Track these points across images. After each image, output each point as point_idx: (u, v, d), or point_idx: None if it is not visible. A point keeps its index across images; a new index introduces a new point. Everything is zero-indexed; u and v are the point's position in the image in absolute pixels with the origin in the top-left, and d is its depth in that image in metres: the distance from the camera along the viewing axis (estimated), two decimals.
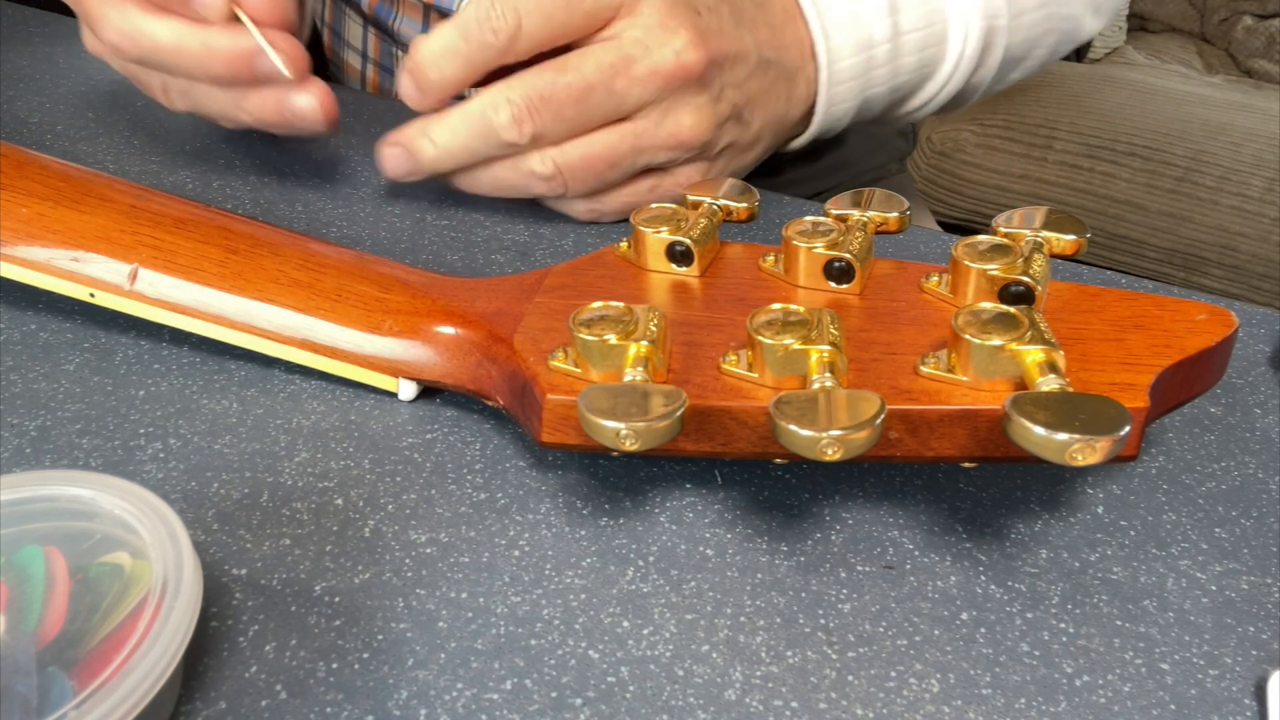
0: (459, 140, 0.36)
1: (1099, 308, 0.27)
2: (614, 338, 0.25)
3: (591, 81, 0.34)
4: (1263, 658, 0.24)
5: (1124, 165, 1.52)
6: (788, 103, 0.40)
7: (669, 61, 0.35)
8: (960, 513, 0.27)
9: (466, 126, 0.36)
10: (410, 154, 0.37)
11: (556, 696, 0.22)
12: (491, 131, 0.35)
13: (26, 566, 0.21)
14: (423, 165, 0.37)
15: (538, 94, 0.35)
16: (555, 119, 0.35)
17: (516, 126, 0.35)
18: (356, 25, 0.60)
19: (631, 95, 0.35)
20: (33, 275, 0.30)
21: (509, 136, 0.35)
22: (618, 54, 0.34)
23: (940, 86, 0.45)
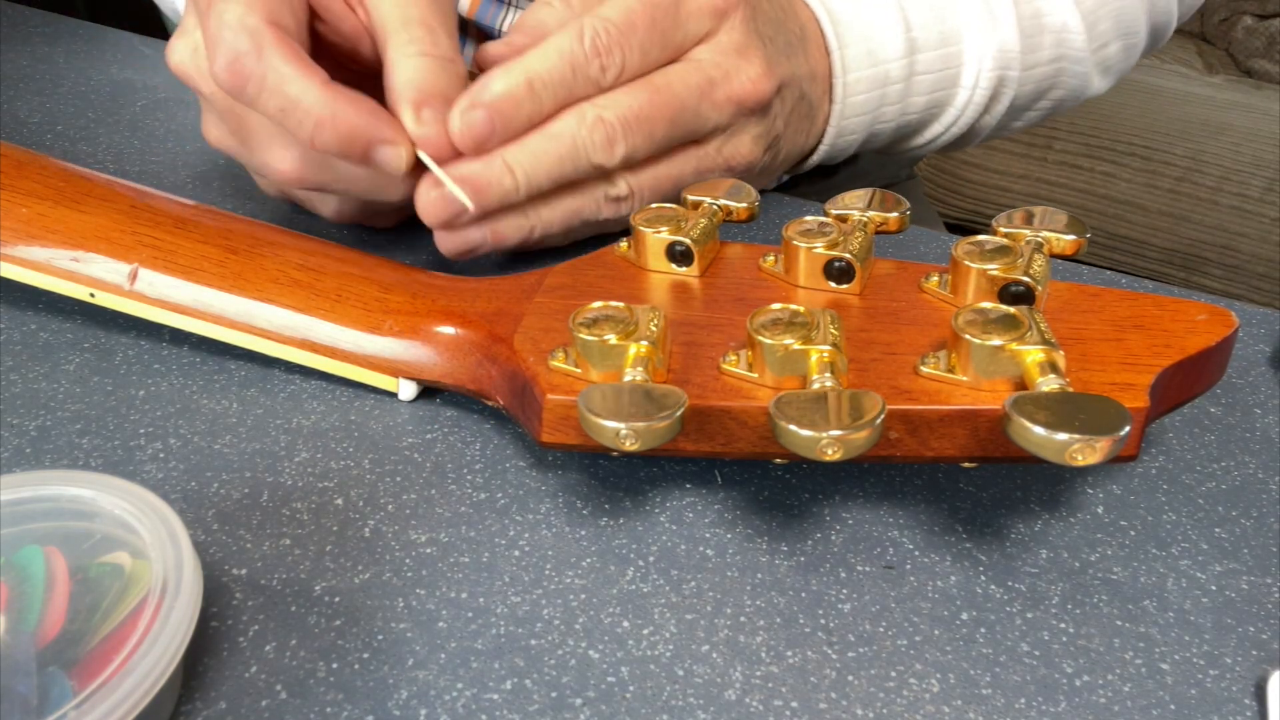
0: (544, 165, 0.32)
1: (1099, 308, 0.27)
2: (614, 338, 0.25)
3: (684, 103, 0.34)
4: (1263, 658, 0.24)
5: (1124, 165, 1.52)
6: (807, 136, 0.41)
7: (745, 88, 0.35)
8: (960, 513, 0.27)
9: (554, 149, 0.32)
10: (479, 189, 0.32)
11: (556, 696, 0.22)
12: (582, 154, 0.32)
13: (26, 566, 0.21)
14: (494, 199, 0.32)
15: (633, 114, 0.33)
16: (647, 140, 0.33)
17: (609, 148, 0.33)
18: None
19: (710, 119, 0.35)
20: (33, 275, 0.30)
21: (600, 158, 0.33)
22: (702, 76, 0.34)
23: (945, 128, 0.46)
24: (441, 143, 0.31)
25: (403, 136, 0.31)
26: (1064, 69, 0.47)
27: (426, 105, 0.31)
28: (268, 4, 0.30)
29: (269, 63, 0.29)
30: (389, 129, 0.31)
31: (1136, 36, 0.49)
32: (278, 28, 0.30)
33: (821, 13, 0.40)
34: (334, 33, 0.33)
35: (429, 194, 0.32)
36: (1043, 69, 0.46)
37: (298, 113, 0.30)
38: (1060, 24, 0.45)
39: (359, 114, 0.30)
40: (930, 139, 0.46)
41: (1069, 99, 0.49)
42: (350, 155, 0.31)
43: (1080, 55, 0.47)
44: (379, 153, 0.31)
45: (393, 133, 0.31)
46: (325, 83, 0.30)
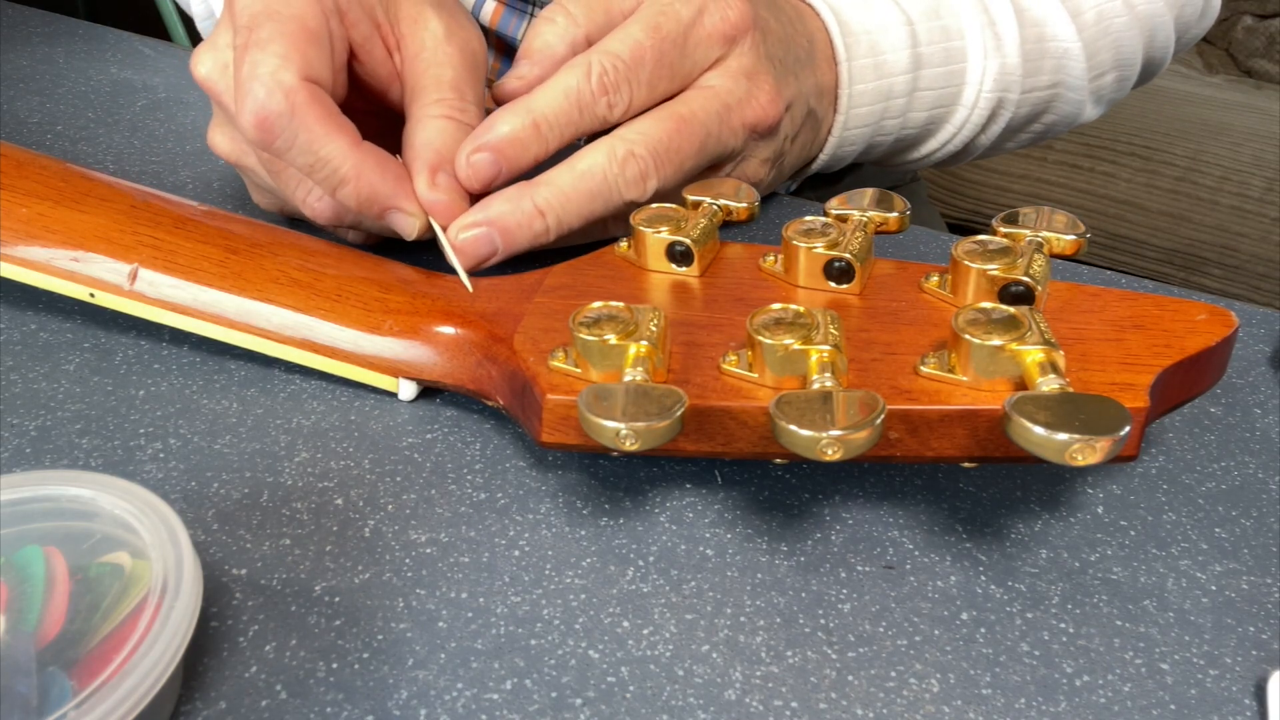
0: (574, 205, 0.32)
1: (1099, 308, 0.27)
2: (614, 338, 0.25)
3: (708, 131, 0.33)
4: (1263, 658, 0.24)
5: (1124, 165, 1.52)
6: (810, 148, 0.41)
7: (757, 113, 0.35)
8: (960, 513, 0.27)
9: (585, 187, 0.32)
10: (508, 231, 0.31)
11: (556, 696, 0.22)
12: (614, 191, 0.32)
13: (26, 566, 0.21)
14: (523, 243, 0.32)
15: (663, 146, 0.32)
16: (677, 172, 0.33)
17: (642, 183, 0.32)
18: None
19: (728, 145, 0.35)
20: (33, 275, 0.30)
21: (632, 194, 0.32)
22: (720, 103, 0.34)
23: (941, 144, 0.46)
24: (453, 210, 0.32)
25: (418, 206, 0.32)
26: (1060, 95, 0.47)
27: (442, 170, 0.32)
28: (305, 57, 0.30)
29: (300, 122, 0.29)
30: (406, 199, 0.32)
31: (1132, 69, 0.50)
32: (312, 86, 0.30)
33: (832, 23, 0.40)
34: (369, 74, 0.34)
35: (459, 237, 0.31)
36: (1040, 93, 0.46)
37: (325, 169, 0.30)
38: (1062, 50, 0.46)
39: (383, 179, 0.31)
40: (926, 154, 0.47)
41: (1060, 124, 0.50)
42: (367, 214, 0.32)
43: (1078, 83, 0.47)
44: (393, 217, 0.32)
45: (409, 203, 0.32)
46: (355, 143, 0.30)
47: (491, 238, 0.31)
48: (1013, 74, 0.44)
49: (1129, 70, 0.49)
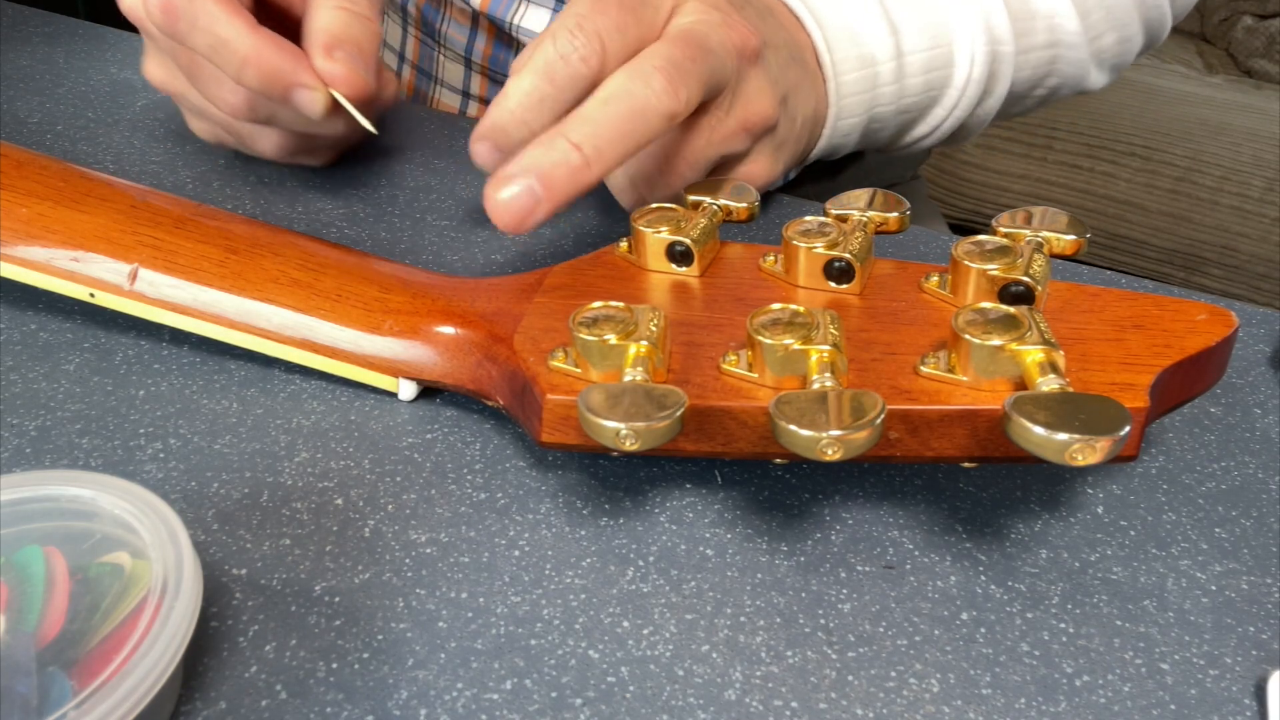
0: (610, 132, 0.30)
1: (1099, 308, 0.27)
2: (614, 338, 0.25)
3: (711, 48, 0.33)
4: (1263, 658, 0.24)
5: (1124, 165, 1.52)
6: (816, 101, 0.40)
7: (741, 36, 0.34)
8: (960, 513, 0.27)
9: (616, 110, 0.30)
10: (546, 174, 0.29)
11: (556, 696, 0.22)
12: (649, 106, 0.30)
13: (26, 566, 0.21)
14: (563, 183, 0.30)
15: (678, 59, 0.31)
16: (699, 84, 0.32)
17: (674, 92, 0.31)
18: (395, 25, 0.60)
19: (728, 67, 0.34)
20: (33, 275, 0.30)
21: (667, 104, 0.31)
22: (706, 24, 0.33)
23: (948, 111, 0.46)
24: (351, 80, 0.35)
25: (318, 80, 0.34)
26: (1060, 55, 0.47)
27: (338, 48, 0.34)
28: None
29: (200, 6, 0.33)
30: (307, 74, 0.34)
31: (1130, 29, 0.50)
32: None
33: (807, 17, 0.40)
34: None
35: (496, 197, 0.29)
36: (1039, 53, 0.47)
37: (226, 51, 0.33)
38: (1050, 10, 0.46)
39: (281, 57, 0.34)
40: (935, 124, 0.46)
41: (1065, 87, 0.50)
42: (273, 94, 0.34)
43: (1075, 42, 0.47)
44: (297, 95, 0.34)
45: (310, 78, 0.34)
46: (253, 26, 0.33)
47: (531, 188, 0.29)
48: (1001, 29, 0.44)
49: (1128, 31, 0.50)
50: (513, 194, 0.29)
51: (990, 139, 1.59)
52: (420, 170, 0.43)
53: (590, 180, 0.30)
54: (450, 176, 0.43)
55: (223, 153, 0.43)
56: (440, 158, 0.44)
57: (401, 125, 0.46)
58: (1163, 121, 1.54)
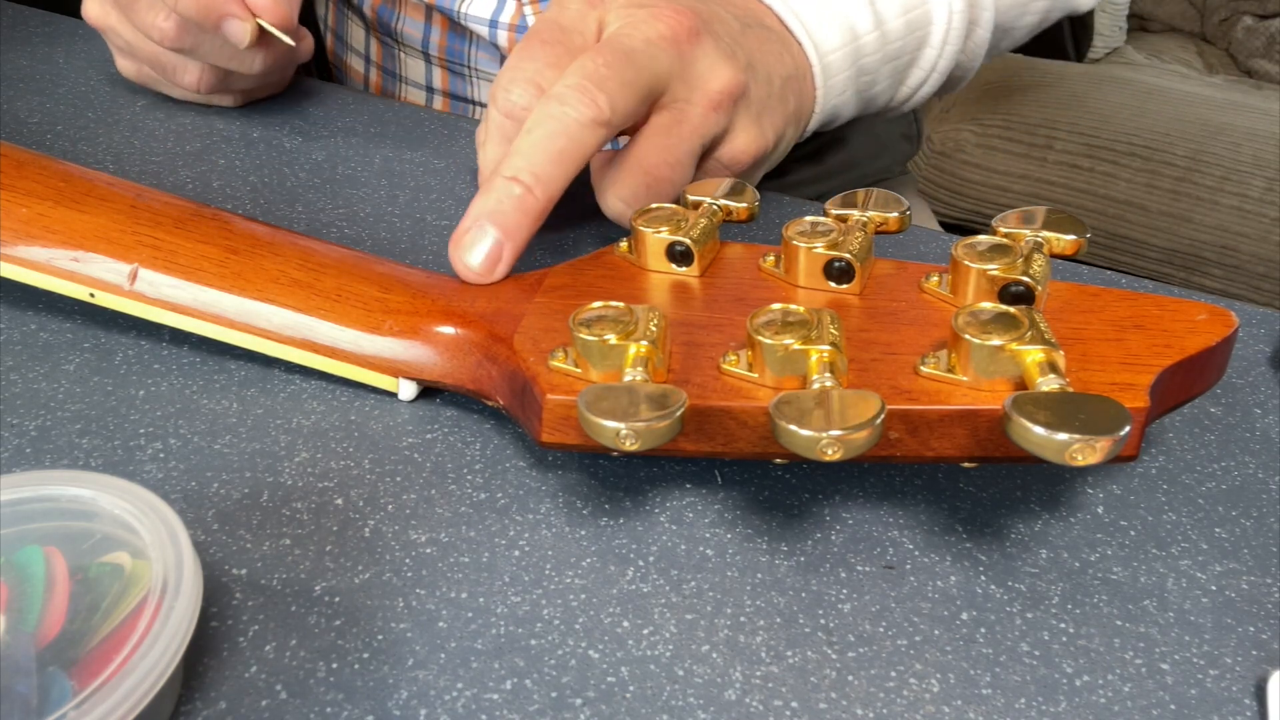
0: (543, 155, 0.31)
1: (1099, 308, 0.27)
2: (614, 338, 0.25)
3: (634, 48, 0.33)
4: (1263, 658, 0.24)
5: (1124, 165, 1.52)
6: (794, 61, 0.39)
7: (668, 23, 0.34)
8: (960, 513, 0.27)
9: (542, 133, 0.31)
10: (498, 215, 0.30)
11: (556, 696, 0.22)
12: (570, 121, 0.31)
13: (26, 566, 0.21)
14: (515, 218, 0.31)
15: (591, 70, 0.32)
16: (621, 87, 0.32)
17: (592, 101, 0.31)
18: (359, 29, 0.60)
19: (660, 61, 0.33)
20: (33, 275, 0.30)
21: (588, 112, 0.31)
22: (628, 26, 0.34)
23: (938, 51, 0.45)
24: (275, 11, 0.41)
25: (247, 12, 0.40)
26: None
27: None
28: None
29: None
30: (236, 6, 0.40)
31: None
32: None
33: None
34: None
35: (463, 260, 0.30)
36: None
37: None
38: None
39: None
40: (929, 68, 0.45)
41: (1055, 9, 0.49)
42: (205, 23, 0.40)
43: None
44: (228, 25, 0.40)
45: (240, 9, 0.40)
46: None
47: (488, 233, 0.30)
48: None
49: None
50: (475, 244, 0.30)
51: (990, 139, 1.59)
52: (420, 170, 0.43)
53: (539, 205, 0.31)
54: (450, 177, 0.43)
55: (223, 153, 0.43)
56: (440, 158, 0.44)
57: (402, 125, 0.46)
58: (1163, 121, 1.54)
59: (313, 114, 0.47)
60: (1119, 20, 1.93)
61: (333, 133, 0.45)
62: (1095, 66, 1.82)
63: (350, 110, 0.47)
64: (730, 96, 0.35)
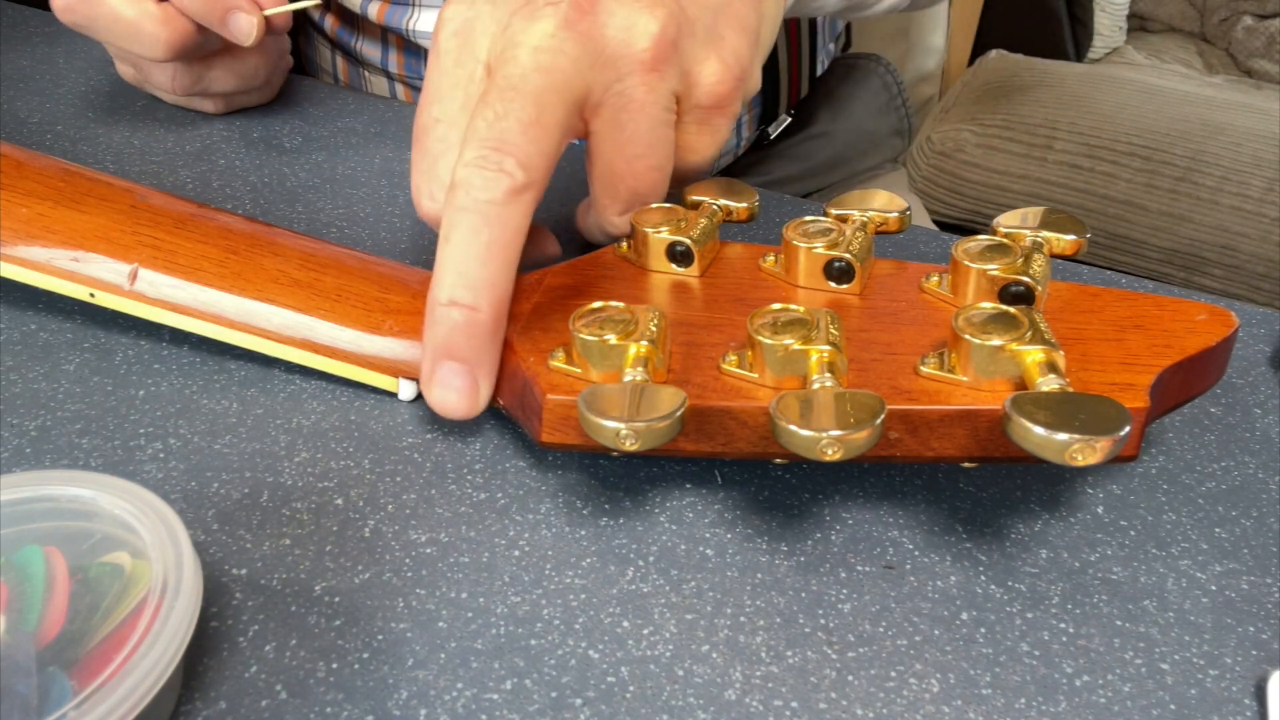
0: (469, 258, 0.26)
1: (1099, 308, 0.27)
2: (614, 338, 0.25)
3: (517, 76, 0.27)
4: (1263, 658, 0.24)
5: (1124, 165, 1.52)
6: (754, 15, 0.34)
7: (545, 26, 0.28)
8: (960, 513, 0.27)
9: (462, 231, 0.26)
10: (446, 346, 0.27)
11: (556, 696, 0.22)
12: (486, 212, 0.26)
13: (26, 566, 0.21)
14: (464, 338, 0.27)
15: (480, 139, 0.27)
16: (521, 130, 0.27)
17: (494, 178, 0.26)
18: (325, 49, 0.61)
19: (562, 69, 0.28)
20: (33, 275, 0.30)
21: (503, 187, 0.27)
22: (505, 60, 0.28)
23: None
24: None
25: (254, 7, 0.41)
26: None
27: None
28: None
29: None
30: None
31: None
32: None
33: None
34: None
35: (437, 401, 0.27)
36: None
37: None
38: None
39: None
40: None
41: None
42: (211, 20, 0.40)
43: None
44: (234, 19, 0.41)
45: (246, 2, 0.41)
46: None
47: (447, 368, 0.27)
48: None
49: None
50: (447, 391, 0.27)
51: (990, 139, 1.59)
52: None
53: (489, 320, 0.27)
54: None
55: (223, 153, 0.43)
56: None
57: (402, 126, 0.46)
58: (1163, 121, 1.54)
59: (313, 114, 0.47)
60: (1119, 20, 1.93)
61: (333, 133, 0.45)
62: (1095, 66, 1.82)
63: (350, 110, 0.47)
64: (663, 45, 0.29)
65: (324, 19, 0.59)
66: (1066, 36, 1.82)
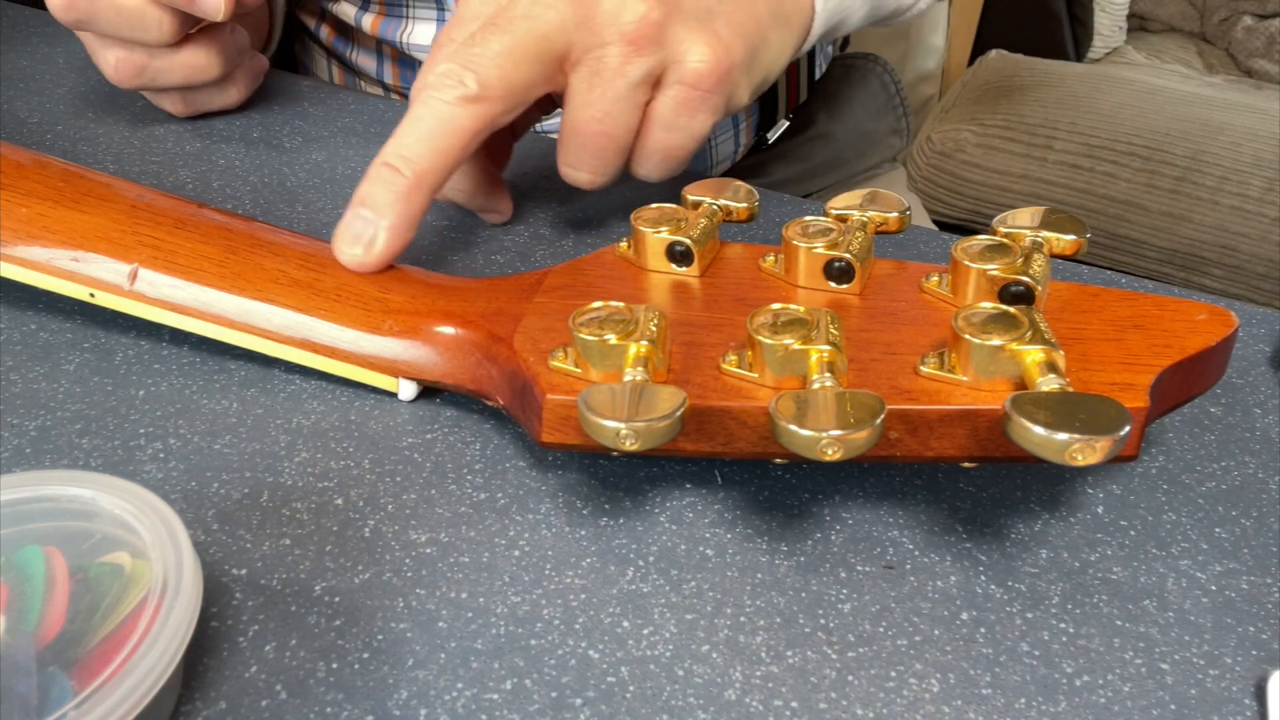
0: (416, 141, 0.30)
1: (1099, 308, 0.27)
2: (614, 338, 0.25)
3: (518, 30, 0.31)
4: (1263, 658, 0.24)
5: (1124, 165, 1.52)
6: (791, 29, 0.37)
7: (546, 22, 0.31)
8: (960, 513, 0.27)
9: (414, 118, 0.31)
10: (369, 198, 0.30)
11: (556, 696, 0.22)
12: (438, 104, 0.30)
13: (26, 566, 0.21)
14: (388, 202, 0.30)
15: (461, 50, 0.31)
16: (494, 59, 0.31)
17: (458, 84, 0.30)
18: (321, 58, 0.61)
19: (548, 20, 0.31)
20: (33, 275, 0.30)
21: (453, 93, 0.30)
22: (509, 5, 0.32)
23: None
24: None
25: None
26: None
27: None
28: None
29: None
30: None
31: None
32: None
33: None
34: None
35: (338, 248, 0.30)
36: None
37: None
38: None
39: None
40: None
41: None
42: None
43: None
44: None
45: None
46: None
47: (357, 215, 0.30)
48: None
49: None
50: (348, 231, 0.30)
51: (990, 139, 1.59)
52: None
53: (407, 184, 0.30)
54: None
55: (222, 153, 0.43)
56: None
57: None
58: (1163, 121, 1.54)
59: (313, 114, 0.47)
60: (1119, 20, 1.93)
61: (333, 133, 0.45)
62: (1095, 66, 1.82)
63: (350, 110, 0.47)
64: (647, 25, 0.31)
65: (320, 28, 0.59)
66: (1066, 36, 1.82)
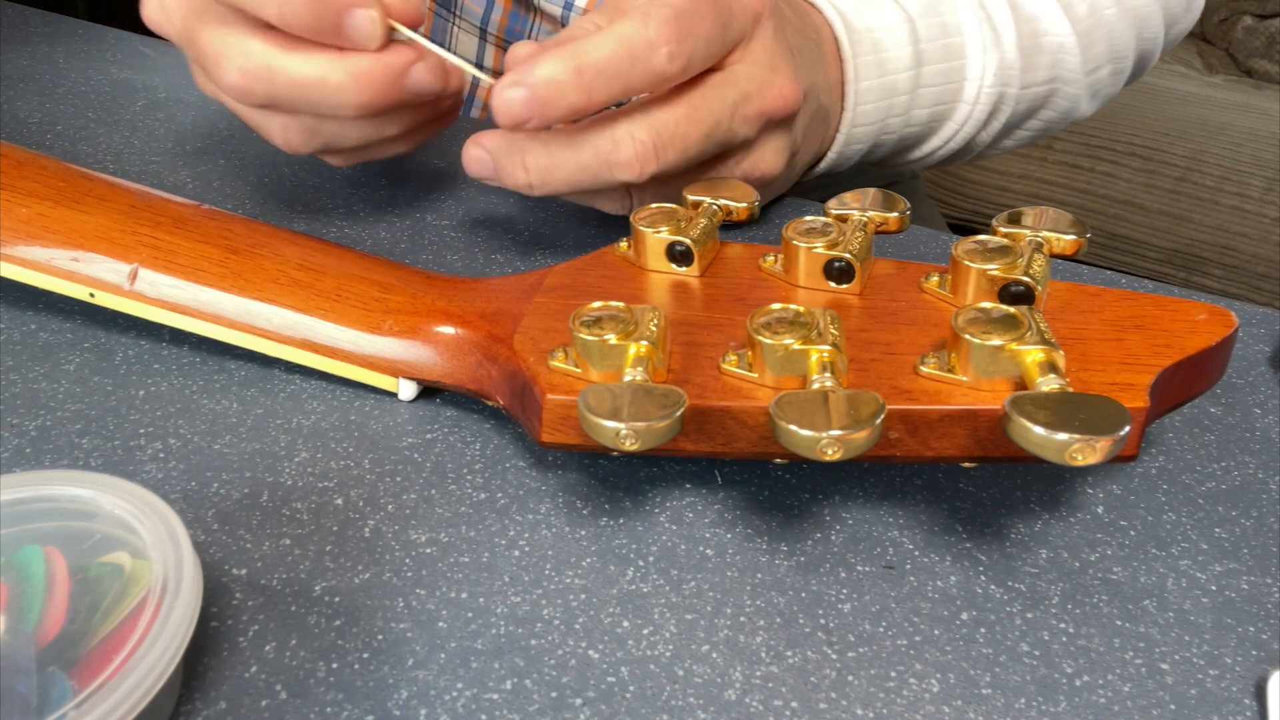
0: (561, 174, 0.32)
1: (1099, 308, 0.27)
2: (614, 338, 0.25)
3: (719, 120, 0.33)
4: (1263, 658, 0.24)
5: (1124, 165, 1.52)
6: (820, 143, 0.40)
7: (776, 103, 0.34)
8: (960, 513, 0.27)
9: (575, 160, 0.32)
10: (498, 170, 0.33)
11: (556, 696, 0.22)
12: (605, 169, 0.32)
13: (26, 566, 0.21)
14: (508, 185, 0.33)
15: (668, 133, 0.32)
16: (680, 157, 0.32)
17: (639, 165, 0.32)
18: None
19: (739, 133, 0.34)
20: (33, 275, 0.30)
21: (625, 176, 0.32)
22: (738, 92, 0.33)
23: (944, 141, 0.46)
24: (407, 7, 0.32)
25: (376, 3, 0.31)
26: (1058, 90, 0.47)
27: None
28: None
29: None
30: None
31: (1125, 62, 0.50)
32: None
33: (836, 19, 0.39)
34: None
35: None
36: (1038, 89, 0.46)
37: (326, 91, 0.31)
38: (1057, 45, 0.46)
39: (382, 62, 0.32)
40: (929, 152, 0.46)
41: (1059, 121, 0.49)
42: (323, 26, 0.31)
43: (1074, 77, 0.47)
44: (351, 17, 0.31)
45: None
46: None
47: (486, 162, 0.33)
48: (1012, 69, 0.44)
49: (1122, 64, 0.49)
50: (478, 156, 0.33)
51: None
52: (420, 170, 0.43)
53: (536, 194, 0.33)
54: (450, 177, 0.43)
55: (223, 152, 0.43)
56: (440, 158, 0.44)
57: None
58: (1163, 121, 1.54)
59: None
60: None
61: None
62: None
63: None
64: (785, 114, 0.35)
65: None
66: None
